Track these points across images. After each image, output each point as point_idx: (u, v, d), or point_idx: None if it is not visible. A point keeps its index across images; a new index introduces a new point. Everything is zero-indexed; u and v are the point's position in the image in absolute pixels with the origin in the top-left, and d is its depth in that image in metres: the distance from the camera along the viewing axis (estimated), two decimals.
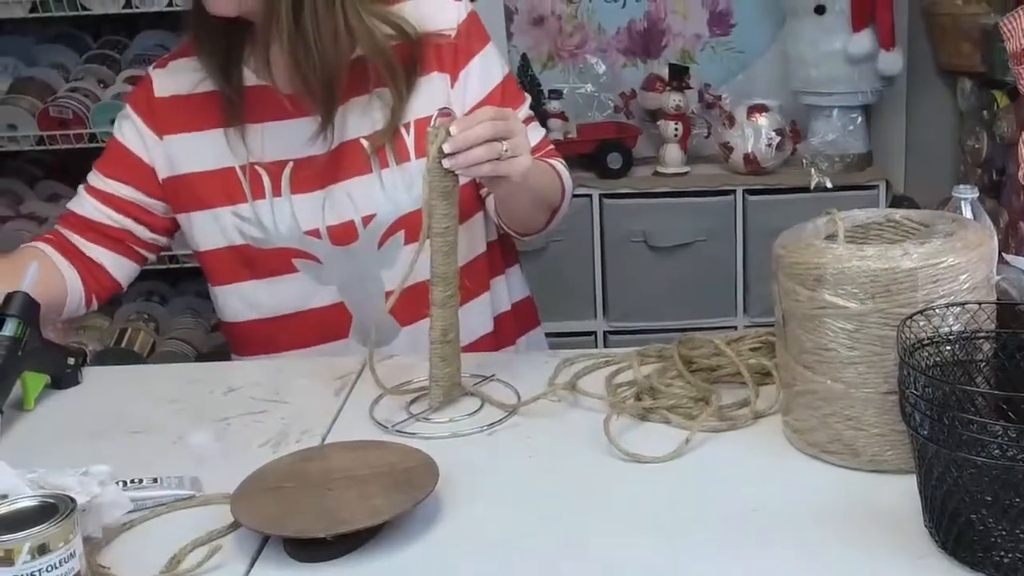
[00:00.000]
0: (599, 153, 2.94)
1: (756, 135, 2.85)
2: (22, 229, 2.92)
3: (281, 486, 1.04)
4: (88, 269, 1.52)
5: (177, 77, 1.50)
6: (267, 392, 1.36)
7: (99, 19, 2.98)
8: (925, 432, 0.91)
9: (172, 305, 3.09)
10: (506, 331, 1.58)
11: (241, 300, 1.52)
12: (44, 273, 1.42)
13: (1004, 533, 0.89)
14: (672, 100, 2.95)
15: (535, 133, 1.51)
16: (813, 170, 2.84)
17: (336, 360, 1.46)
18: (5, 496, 0.94)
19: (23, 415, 1.33)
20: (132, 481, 1.09)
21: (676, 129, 2.95)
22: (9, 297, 1.32)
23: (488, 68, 1.48)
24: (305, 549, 0.97)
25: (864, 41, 2.83)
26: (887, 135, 3.13)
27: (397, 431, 1.22)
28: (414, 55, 1.43)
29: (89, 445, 1.23)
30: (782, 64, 3.08)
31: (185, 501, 1.08)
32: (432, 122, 1.23)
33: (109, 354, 2.85)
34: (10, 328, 1.30)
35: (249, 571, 0.96)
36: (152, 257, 1.57)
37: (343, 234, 1.45)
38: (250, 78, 1.47)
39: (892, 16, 2.85)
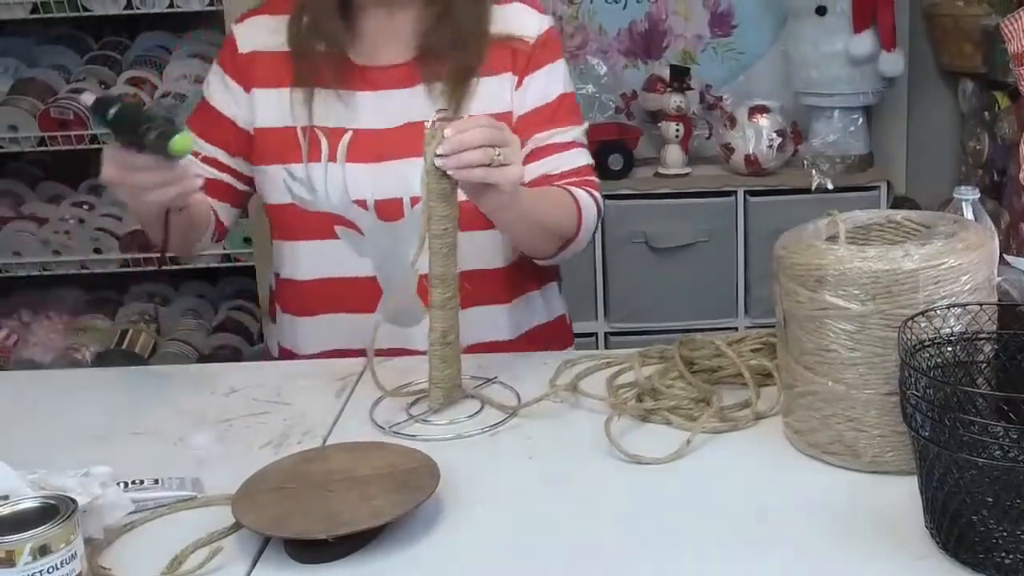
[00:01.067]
0: (600, 154, 2.93)
1: (757, 136, 2.85)
2: (23, 230, 2.92)
3: (282, 487, 1.04)
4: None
5: (257, 33, 1.52)
6: (268, 393, 1.37)
7: (100, 20, 2.98)
8: (926, 433, 0.91)
9: (173, 307, 3.09)
10: (536, 346, 1.57)
11: (282, 256, 1.56)
12: (201, 201, 1.49)
13: (1005, 534, 0.89)
14: (673, 101, 2.95)
15: (578, 158, 1.51)
16: (814, 171, 2.85)
17: (337, 362, 1.46)
18: (6, 497, 0.94)
19: (24, 416, 1.33)
20: (133, 482, 1.09)
21: (677, 130, 2.95)
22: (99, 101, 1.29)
23: (551, 81, 1.51)
24: (306, 550, 0.97)
25: (865, 42, 2.83)
26: (888, 136, 3.13)
27: (395, 432, 1.22)
28: (489, 54, 1.48)
29: (90, 446, 1.23)
30: (783, 65, 3.08)
31: (186, 502, 1.08)
32: (428, 124, 1.23)
33: (110, 355, 2.85)
34: (115, 109, 1.26)
35: (250, 572, 0.96)
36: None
37: (389, 210, 1.46)
38: (329, 46, 1.48)
39: (893, 17, 2.86)
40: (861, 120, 2.97)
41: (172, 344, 2.90)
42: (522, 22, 1.51)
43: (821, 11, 2.87)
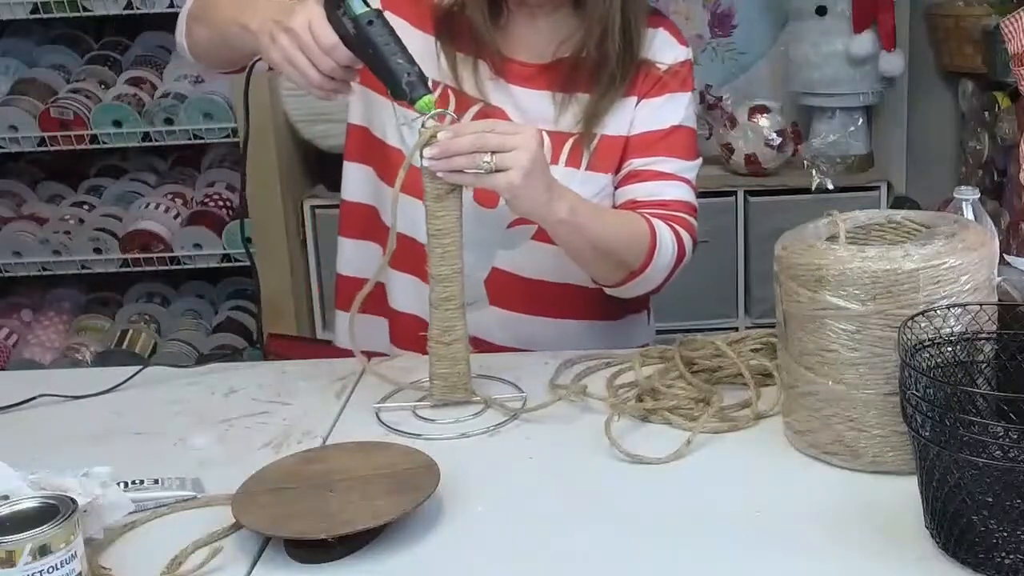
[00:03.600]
0: None
1: (757, 136, 2.85)
2: (23, 230, 2.93)
3: (283, 487, 1.04)
4: None
5: None
6: (269, 393, 1.37)
7: (100, 20, 2.98)
8: (926, 433, 0.91)
9: (173, 306, 3.10)
10: None
11: (380, 195, 1.50)
12: None
13: (1005, 534, 0.89)
14: None
15: (673, 190, 1.44)
16: (814, 171, 2.84)
17: (337, 362, 1.46)
18: (7, 497, 0.94)
19: (24, 416, 1.33)
20: (133, 482, 1.09)
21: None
22: None
23: (669, 110, 1.47)
24: (306, 550, 0.97)
25: (865, 42, 2.83)
26: (888, 136, 3.12)
27: (393, 427, 1.22)
28: (627, 75, 1.44)
29: (90, 446, 1.23)
30: (783, 65, 3.08)
31: (187, 502, 1.08)
32: (423, 123, 1.22)
33: (110, 355, 2.85)
34: (358, 3, 1.20)
35: (250, 572, 0.96)
36: None
37: (486, 196, 1.41)
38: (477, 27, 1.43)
39: (893, 17, 2.86)
40: (861, 120, 2.97)
41: (172, 344, 2.90)
42: (660, 49, 1.47)
43: (821, 11, 2.87)
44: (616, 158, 1.46)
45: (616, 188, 1.46)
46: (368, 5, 1.21)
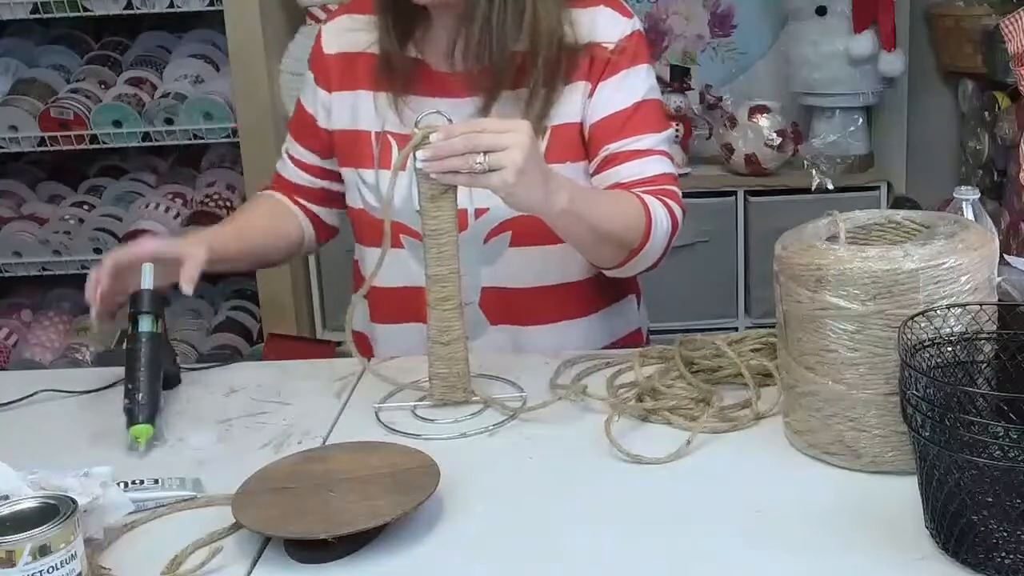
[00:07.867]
0: None
1: (757, 136, 2.85)
2: (23, 230, 2.92)
3: (283, 487, 1.04)
4: (309, 215, 1.62)
5: (344, 35, 1.52)
6: (268, 393, 1.37)
7: (100, 20, 2.98)
8: (926, 433, 0.91)
9: (173, 306, 3.09)
10: None
11: (362, 260, 1.57)
12: (282, 217, 1.59)
13: (1005, 534, 0.89)
14: (673, 101, 2.95)
15: (654, 165, 1.44)
16: (814, 171, 2.84)
17: (337, 362, 1.46)
18: (7, 497, 0.94)
19: (24, 416, 1.33)
20: (133, 482, 1.09)
21: (677, 130, 2.95)
22: (137, 296, 1.36)
23: (628, 87, 1.45)
24: (306, 550, 0.97)
25: (865, 42, 2.83)
26: (888, 136, 3.12)
27: (393, 428, 1.23)
28: (567, 62, 1.42)
29: (90, 446, 1.23)
30: (783, 65, 3.08)
31: (186, 502, 1.08)
32: (415, 124, 1.22)
33: (110, 355, 2.85)
34: (147, 324, 1.34)
35: (250, 572, 0.96)
36: None
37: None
38: (409, 50, 1.46)
39: (893, 17, 2.85)
40: (861, 120, 2.97)
41: (172, 344, 2.90)
42: (605, 28, 1.45)
43: (821, 11, 2.87)
44: (574, 145, 1.45)
45: (595, 174, 1.46)
46: (157, 327, 1.35)
